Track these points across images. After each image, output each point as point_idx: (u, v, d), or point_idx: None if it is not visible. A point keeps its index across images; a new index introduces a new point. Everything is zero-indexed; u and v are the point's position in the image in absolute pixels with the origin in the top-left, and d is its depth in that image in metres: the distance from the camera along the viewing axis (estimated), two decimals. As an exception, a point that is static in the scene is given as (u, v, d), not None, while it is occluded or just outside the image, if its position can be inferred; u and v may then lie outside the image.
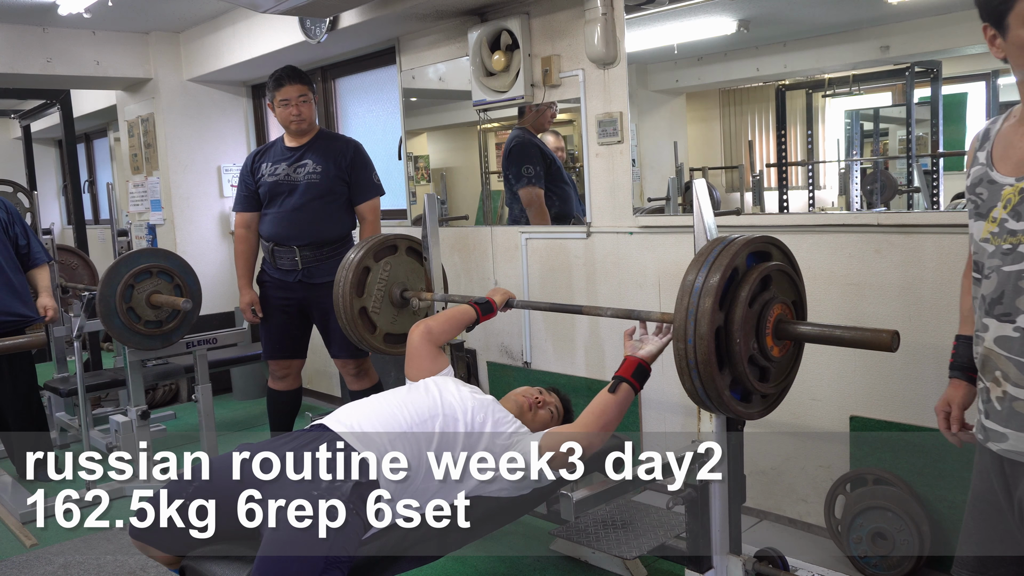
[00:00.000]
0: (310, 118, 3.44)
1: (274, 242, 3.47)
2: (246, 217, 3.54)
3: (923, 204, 2.87)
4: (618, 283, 3.43)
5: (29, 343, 2.71)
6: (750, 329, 1.78)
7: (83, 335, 3.87)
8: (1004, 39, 1.42)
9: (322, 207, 3.43)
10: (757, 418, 1.95)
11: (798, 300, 1.95)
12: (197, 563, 1.97)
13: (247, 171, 3.53)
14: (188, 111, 5.51)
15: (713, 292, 1.71)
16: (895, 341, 1.67)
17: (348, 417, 2.15)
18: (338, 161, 3.44)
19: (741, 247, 1.79)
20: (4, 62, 4.98)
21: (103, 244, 7.60)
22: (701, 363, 1.72)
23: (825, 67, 3.15)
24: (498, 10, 3.70)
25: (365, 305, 2.96)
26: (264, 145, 3.66)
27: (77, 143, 7.35)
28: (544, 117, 3.71)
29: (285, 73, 3.41)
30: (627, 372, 2.08)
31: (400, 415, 2.15)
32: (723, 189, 3.60)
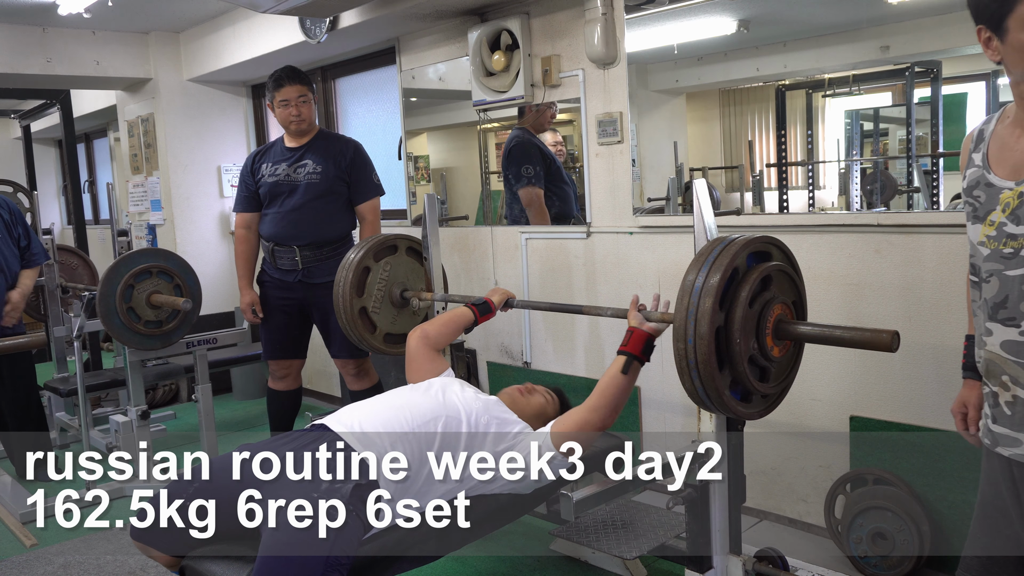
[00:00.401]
0: (310, 118, 3.44)
1: (274, 242, 3.47)
2: (246, 217, 3.54)
3: (923, 204, 2.86)
4: (618, 283, 3.43)
5: (29, 343, 2.71)
6: (750, 329, 1.77)
7: (83, 335, 3.87)
8: (1002, 42, 1.41)
9: (322, 207, 3.43)
10: (757, 418, 1.95)
11: (798, 300, 1.95)
12: (197, 563, 1.96)
13: (247, 172, 3.53)
14: (188, 111, 5.51)
15: (713, 292, 1.71)
16: (895, 341, 1.67)
17: (349, 417, 2.14)
18: (338, 161, 3.44)
19: (741, 247, 1.79)
20: (4, 62, 4.98)
21: (103, 244, 7.60)
22: (701, 363, 1.72)
23: (825, 67, 3.15)
24: (498, 10, 3.70)
25: (365, 305, 2.96)
26: (264, 145, 3.65)
27: (77, 143, 7.35)
28: (544, 117, 3.71)
29: (284, 73, 3.40)
30: (637, 348, 2.04)
31: (402, 416, 2.13)
32: (723, 189, 3.60)
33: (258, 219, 3.53)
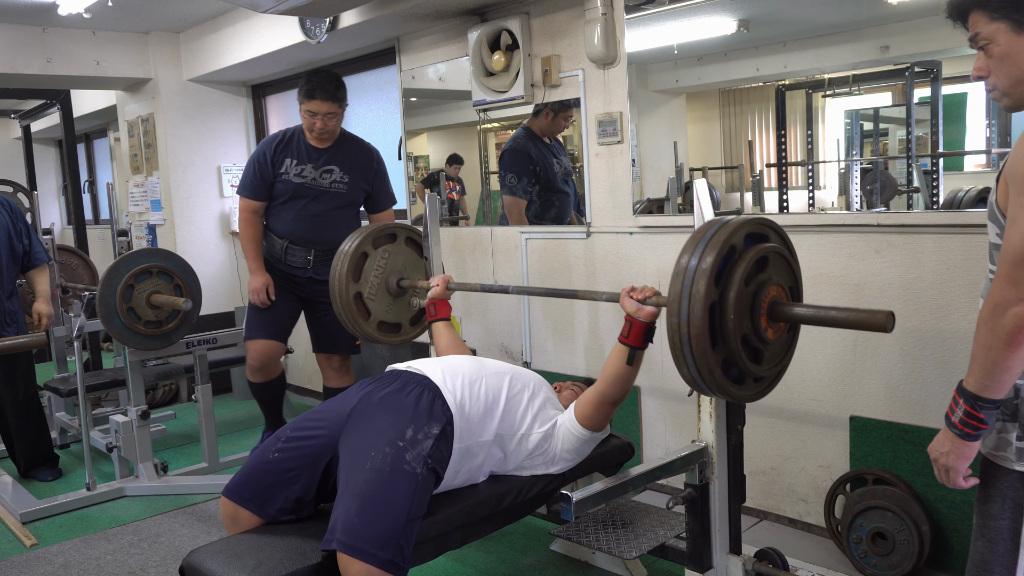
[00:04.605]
0: (334, 132, 3.45)
1: (289, 240, 3.49)
2: (254, 205, 3.50)
3: (923, 204, 2.86)
4: (618, 283, 3.43)
5: (29, 343, 2.71)
6: (744, 308, 1.76)
7: (83, 335, 3.87)
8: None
9: (342, 215, 3.50)
10: (750, 401, 1.94)
11: (795, 286, 1.93)
12: (197, 563, 1.96)
13: (266, 161, 3.44)
14: (188, 111, 5.51)
15: (709, 269, 1.69)
16: (890, 321, 1.65)
17: (432, 366, 2.29)
18: (364, 173, 3.50)
19: (739, 226, 1.78)
20: (4, 62, 4.98)
21: (103, 244, 7.60)
22: (694, 338, 1.70)
23: (825, 67, 3.14)
24: (498, 10, 3.70)
25: (361, 291, 2.96)
26: (284, 135, 3.50)
27: (77, 143, 7.35)
28: (556, 126, 3.66)
29: (320, 86, 3.30)
30: (638, 340, 2.10)
31: (477, 365, 2.32)
32: (723, 189, 3.60)
33: (264, 208, 3.52)
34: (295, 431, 2.17)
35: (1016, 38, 1.41)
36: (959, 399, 1.45)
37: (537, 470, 2.30)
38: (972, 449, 1.47)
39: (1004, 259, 1.37)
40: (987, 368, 1.40)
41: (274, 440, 2.17)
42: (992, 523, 1.52)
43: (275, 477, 2.10)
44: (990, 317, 1.38)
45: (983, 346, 1.40)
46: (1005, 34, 1.41)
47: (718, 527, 2.11)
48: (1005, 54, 1.42)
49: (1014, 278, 1.35)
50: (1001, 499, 1.51)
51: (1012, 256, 1.36)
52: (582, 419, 2.23)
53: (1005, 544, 1.51)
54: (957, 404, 1.45)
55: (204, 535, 3.22)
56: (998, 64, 1.44)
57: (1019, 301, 1.34)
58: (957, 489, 1.52)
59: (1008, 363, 1.38)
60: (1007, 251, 1.37)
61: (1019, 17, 1.39)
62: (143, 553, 3.15)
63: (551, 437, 2.27)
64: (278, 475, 2.10)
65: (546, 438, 2.27)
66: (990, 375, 1.40)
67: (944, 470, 1.51)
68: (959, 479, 1.50)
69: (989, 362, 1.39)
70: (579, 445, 2.28)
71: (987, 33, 1.44)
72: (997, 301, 1.37)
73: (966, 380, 1.44)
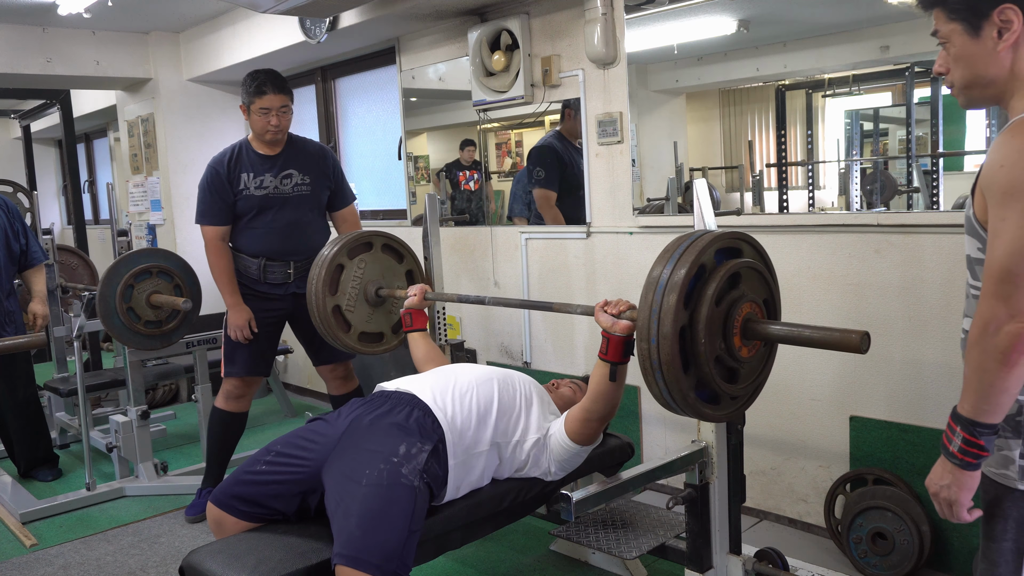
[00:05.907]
0: (287, 129, 3.30)
1: (266, 257, 3.32)
2: (221, 231, 3.30)
3: (923, 204, 2.86)
4: (618, 283, 3.43)
5: (28, 343, 2.70)
6: (716, 329, 1.71)
7: (83, 335, 3.87)
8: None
9: (313, 218, 3.38)
10: (725, 420, 1.91)
11: (770, 299, 1.88)
12: (197, 563, 1.96)
13: (222, 182, 3.25)
14: (188, 111, 5.51)
15: (677, 289, 1.63)
16: (865, 342, 1.59)
17: (418, 384, 2.28)
18: (323, 169, 3.37)
19: (709, 243, 1.72)
20: (4, 62, 4.98)
21: (103, 244, 7.60)
22: (665, 364, 1.65)
23: (825, 67, 3.14)
24: (498, 10, 3.70)
25: (339, 303, 2.91)
26: (231, 151, 3.32)
27: (77, 143, 7.36)
28: (579, 124, 3.58)
29: (268, 79, 3.21)
30: (616, 355, 2.02)
31: (463, 378, 2.30)
32: (723, 189, 3.60)
33: (230, 232, 3.34)
34: (285, 447, 2.17)
35: (970, 41, 1.39)
36: (955, 426, 1.37)
37: (532, 475, 2.30)
38: (974, 479, 1.39)
39: (989, 276, 1.32)
40: (982, 391, 1.33)
41: (264, 452, 2.18)
42: (994, 545, 1.46)
43: (258, 488, 2.12)
44: (981, 337, 1.32)
45: (976, 368, 1.33)
46: (960, 36, 1.40)
47: (718, 527, 2.11)
48: (960, 56, 1.42)
49: (1002, 295, 1.29)
50: (1003, 519, 1.44)
51: (998, 272, 1.30)
52: (571, 434, 2.22)
53: (1008, 567, 1.44)
54: (954, 432, 1.37)
55: (204, 535, 3.22)
56: (954, 63, 1.43)
57: (1010, 318, 1.29)
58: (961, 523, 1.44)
59: (1004, 384, 1.31)
60: (991, 267, 1.31)
61: (975, 21, 1.38)
62: (143, 553, 3.15)
63: (544, 447, 2.26)
64: (261, 486, 2.12)
65: (539, 447, 2.26)
66: (986, 398, 1.33)
67: (946, 504, 1.42)
68: (963, 512, 1.41)
69: (984, 384, 1.32)
70: (570, 457, 2.26)
71: (945, 32, 1.43)
72: (987, 320, 1.31)
73: (960, 405, 1.37)
